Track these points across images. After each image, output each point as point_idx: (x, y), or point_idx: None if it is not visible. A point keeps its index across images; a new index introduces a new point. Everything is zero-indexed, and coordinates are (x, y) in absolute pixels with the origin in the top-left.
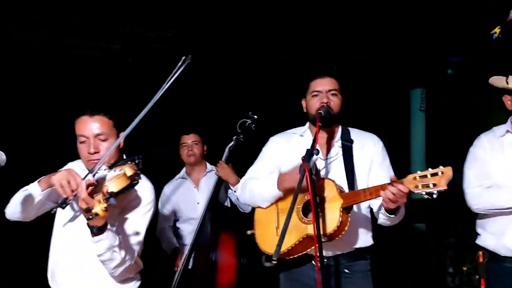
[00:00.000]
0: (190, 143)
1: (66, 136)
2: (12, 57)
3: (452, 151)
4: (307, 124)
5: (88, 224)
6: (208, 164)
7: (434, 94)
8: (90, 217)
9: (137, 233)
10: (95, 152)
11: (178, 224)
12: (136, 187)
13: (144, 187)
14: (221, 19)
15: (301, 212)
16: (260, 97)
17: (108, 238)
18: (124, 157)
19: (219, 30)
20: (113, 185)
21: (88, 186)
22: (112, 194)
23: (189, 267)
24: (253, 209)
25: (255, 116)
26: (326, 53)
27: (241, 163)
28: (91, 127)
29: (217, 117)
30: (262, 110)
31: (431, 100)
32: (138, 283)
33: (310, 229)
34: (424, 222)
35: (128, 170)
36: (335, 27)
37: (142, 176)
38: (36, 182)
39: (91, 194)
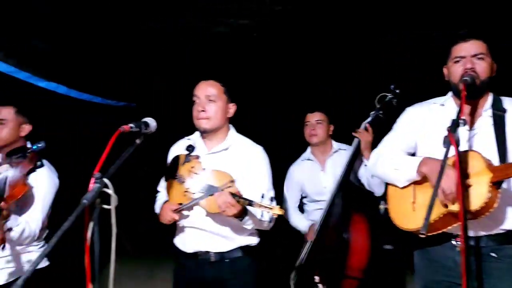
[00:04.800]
0: (314, 122)
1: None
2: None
3: None
4: (449, 93)
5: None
6: (334, 143)
7: None
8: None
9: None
10: (202, 111)
11: (304, 201)
12: (249, 150)
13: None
14: None
15: None
16: (402, 69)
17: (251, 217)
18: None
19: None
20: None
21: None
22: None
23: (317, 243)
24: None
25: (398, 90)
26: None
27: (379, 141)
28: (203, 89)
29: (352, 91)
30: (406, 84)
31: None
32: (259, 237)
33: (453, 205)
34: None
35: None
36: None
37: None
38: None
39: None
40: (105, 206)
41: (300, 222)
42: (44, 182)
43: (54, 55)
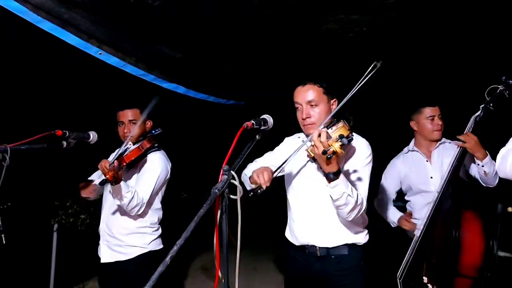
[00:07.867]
0: (438, 117)
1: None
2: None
3: None
4: None
5: (325, 173)
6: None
7: None
8: (329, 156)
9: (361, 180)
10: (307, 117)
11: (407, 197)
12: (353, 142)
13: (361, 142)
14: None
15: None
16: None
17: (342, 183)
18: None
19: None
20: (339, 131)
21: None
22: (342, 136)
23: (425, 241)
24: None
25: (511, 81)
26: None
27: (490, 136)
28: (303, 95)
29: (460, 83)
30: None
31: None
32: (367, 237)
33: None
34: None
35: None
36: None
37: (355, 134)
38: None
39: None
40: (232, 196)
41: (393, 215)
42: (157, 162)
43: (175, 59)
